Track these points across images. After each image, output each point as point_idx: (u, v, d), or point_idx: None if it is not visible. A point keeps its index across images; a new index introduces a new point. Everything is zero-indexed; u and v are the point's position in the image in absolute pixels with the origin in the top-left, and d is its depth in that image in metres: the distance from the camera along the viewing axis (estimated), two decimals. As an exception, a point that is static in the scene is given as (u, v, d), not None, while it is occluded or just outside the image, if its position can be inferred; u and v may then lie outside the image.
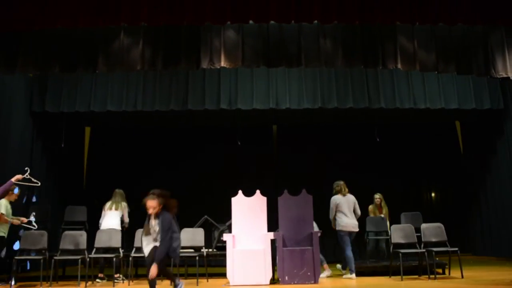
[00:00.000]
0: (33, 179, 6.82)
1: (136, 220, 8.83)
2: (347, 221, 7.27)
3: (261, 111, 9.19)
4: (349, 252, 7.14)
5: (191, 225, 8.51)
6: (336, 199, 7.41)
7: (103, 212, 7.71)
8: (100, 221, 7.67)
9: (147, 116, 9.54)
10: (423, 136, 11.09)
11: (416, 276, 7.07)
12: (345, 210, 7.32)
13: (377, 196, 8.84)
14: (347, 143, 10.92)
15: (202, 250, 7.28)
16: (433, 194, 11.54)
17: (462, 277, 6.78)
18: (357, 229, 7.34)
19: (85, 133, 10.89)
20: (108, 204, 7.74)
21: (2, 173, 7.86)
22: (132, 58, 7.28)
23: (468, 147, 10.91)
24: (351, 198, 7.45)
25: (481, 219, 10.38)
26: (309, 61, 7.41)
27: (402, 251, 6.96)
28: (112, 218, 7.62)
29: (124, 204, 7.79)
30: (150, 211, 5.01)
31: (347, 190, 7.51)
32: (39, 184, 7.05)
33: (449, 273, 7.26)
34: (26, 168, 6.84)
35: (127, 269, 7.24)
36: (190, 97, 8.89)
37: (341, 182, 7.56)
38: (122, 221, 7.71)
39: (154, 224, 5.04)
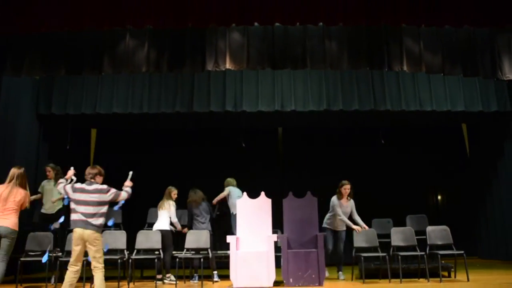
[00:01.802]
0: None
1: (141, 220, 8.92)
2: None
3: (266, 113, 9.19)
4: None
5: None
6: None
7: None
8: None
9: (153, 118, 9.57)
10: (429, 138, 11.03)
11: (415, 280, 7.02)
12: None
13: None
14: (353, 146, 10.88)
15: (207, 252, 7.29)
16: (439, 197, 11.47)
17: (468, 280, 6.73)
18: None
19: (91, 135, 10.92)
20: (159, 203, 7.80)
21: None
22: (137, 60, 7.33)
23: (474, 149, 10.83)
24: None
25: (487, 222, 10.31)
26: (315, 63, 7.42)
27: (402, 254, 6.94)
28: (159, 218, 7.65)
29: (170, 202, 7.73)
30: None
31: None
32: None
33: (455, 276, 7.21)
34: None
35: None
36: (196, 99, 8.90)
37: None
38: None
39: None
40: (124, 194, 5.41)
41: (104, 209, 5.17)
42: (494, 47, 7.49)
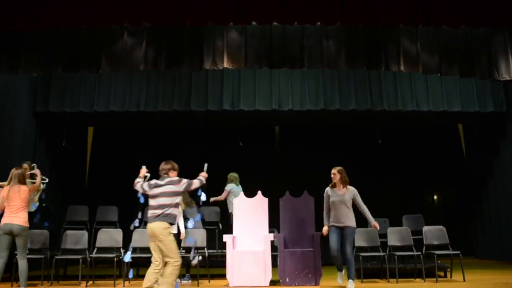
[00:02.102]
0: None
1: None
2: None
3: (263, 112, 9.19)
4: None
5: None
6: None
7: None
8: None
9: (150, 116, 9.56)
10: (426, 138, 11.06)
11: (412, 279, 7.05)
12: None
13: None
14: (350, 145, 10.90)
15: (203, 250, 7.29)
16: (435, 197, 11.50)
17: (464, 280, 6.75)
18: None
19: (88, 133, 10.90)
20: None
21: (5, 173, 7.88)
22: (135, 58, 7.32)
23: (471, 149, 10.87)
24: None
25: (483, 222, 10.34)
26: (312, 62, 7.42)
27: (398, 253, 6.96)
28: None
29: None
30: None
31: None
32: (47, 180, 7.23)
33: (451, 276, 7.23)
34: (33, 165, 7.08)
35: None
36: (193, 98, 8.90)
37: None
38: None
39: None
40: (196, 182, 5.49)
41: (178, 199, 5.26)
42: (491, 47, 7.51)
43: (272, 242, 6.79)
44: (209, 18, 6.88)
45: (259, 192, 7.17)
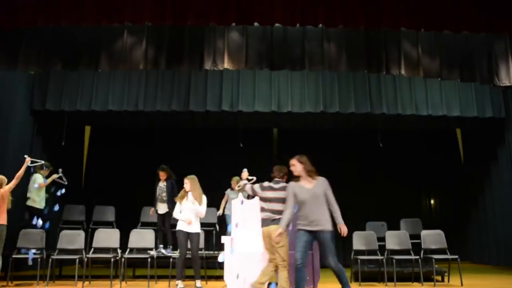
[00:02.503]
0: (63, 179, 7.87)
1: (135, 219, 8.85)
2: None
3: (262, 114, 9.17)
4: None
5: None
6: None
7: None
8: None
9: (148, 116, 9.52)
10: (424, 142, 11.07)
11: (410, 283, 7.04)
12: None
13: None
14: (348, 148, 10.89)
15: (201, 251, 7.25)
16: (432, 201, 11.50)
17: (462, 285, 6.75)
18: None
19: (85, 132, 10.83)
20: None
21: (1, 171, 7.82)
22: (135, 57, 7.28)
23: (468, 155, 10.89)
24: None
25: (480, 227, 10.35)
26: (313, 64, 7.41)
27: (396, 257, 6.95)
28: None
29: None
30: None
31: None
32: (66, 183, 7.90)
33: (449, 281, 7.23)
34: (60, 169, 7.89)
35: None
36: (192, 98, 8.86)
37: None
38: None
39: None
40: None
41: None
42: (491, 53, 7.53)
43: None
44: (211, 18, 6.84)
45: (258, 194, 7.12)
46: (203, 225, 8.45)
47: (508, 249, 9.18)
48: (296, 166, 5.38)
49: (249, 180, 5.70)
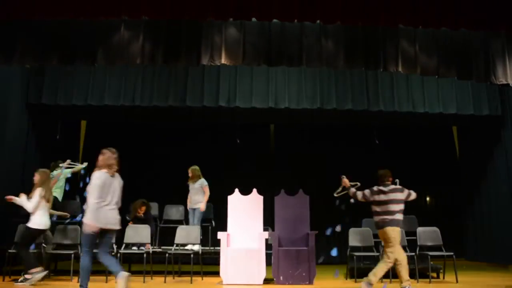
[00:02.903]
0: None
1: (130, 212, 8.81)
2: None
3: (259, 110, 9.15)
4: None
5: (187, 222, 8.50)
6: None
7: None
8: None
9: (145, 111, 9.48)
10: (421, 139, 11.09)
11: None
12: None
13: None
14: (345, 145, 10.90)
15: (197, 247, 7.24)
16: (427, 198, 11.54)
17: (457, 281, 6.78)
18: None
19: (81, 127, 10.76)
20: None
21: (-4, 165, 7.81)
22: (132, 52, 7.24)
23: (464, 152, 10.91)
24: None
25: (475, 224, 10.40)
26: (310, 61, 7.39)
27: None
28: None
29: None
30: None
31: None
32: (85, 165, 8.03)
33: (444, 277, 7.26)
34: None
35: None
36: (189, 94, 8.83)
37: None
38: None
39: None
40: (413, 194, 6.04)
41: (402, 206, 5.76)
42: (489, 51, 7.53)
43: (266, 240, 6.78)
44: (208, 12, 6.82)
45: (254, 190, 7.15)
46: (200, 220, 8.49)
47: (503, 246, 9.22)
48: (100, 156, 5.19)
49: (352, 185, 6.17)
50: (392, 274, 6.82)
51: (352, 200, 6.30)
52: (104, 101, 8.79)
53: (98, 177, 4.98)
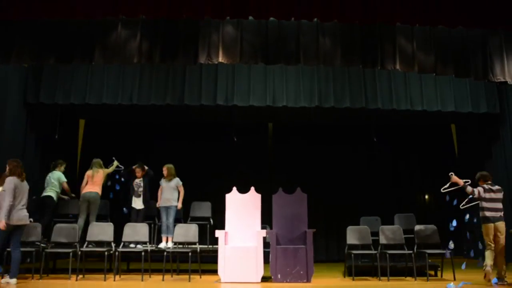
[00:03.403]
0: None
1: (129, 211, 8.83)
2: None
3: (257, 108, 9.15)
4: None
5: (185, 220, 8.51)
6: None
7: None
8: None
9: (143, 110, 9.48)
10: (419, 137, 11.10)
11: (403, 278, 7.08)
12: None
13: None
14: (343, 143, 10.91)
15: (195, 245, 7.26)
16: (426, 196, 11.54)
17: (455, 279, 6.79)
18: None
19: (79, 126, 10.77)
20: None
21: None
22: (129, 50, 7.25)
23: (463, 150, 10.91)
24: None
25: (473, 222, 10.38)
26: (308, 59, 7.40)
27: (389, 252, 6.98)
28: None
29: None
30: None
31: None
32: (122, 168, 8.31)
33: (442, 275, 7.27)
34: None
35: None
36: (187, 92, 8.82)
37: None
38: None
39: None
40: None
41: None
42: (486, 49, 7.54)
43: (264, 238, 6.79)
44: (205, 11, 6.82)
45: (252, 188, 7.15)
46: (197, 218, 8.50)
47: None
48: (9, 166, 6.34)
49: (465, 182, 6.89)
50: (389, 272, 6.84)
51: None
52: (102, 100, 8.79)
53: (11, 182, 6.09)
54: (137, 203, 8.06)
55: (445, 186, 7.18)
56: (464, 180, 6.94)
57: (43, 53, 7.27)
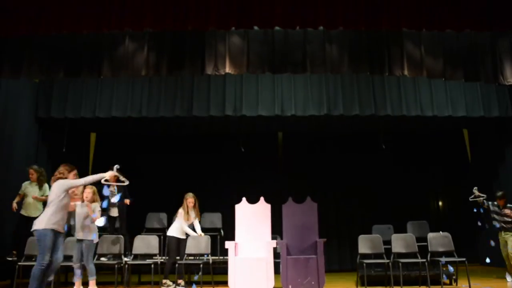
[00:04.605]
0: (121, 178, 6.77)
1: (139, 225, 8.86)
2: None
3: (266, 118, 9.13)
4: None
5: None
6: None
7: None
8: None
9: (152, 122, 9.53)
10: (430, 143, 10.97)
11: (417, 287, 6.95)
12: None
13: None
14: (353, 151, 10.83)
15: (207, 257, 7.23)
16: (440, 203, 11.37)
17: (470, 287, 6.64)
18: None
19: (90, 139, 10.86)
20: None
21: (8, 179, 7.88)
22: (136, 63, 7.28)
23: (476, 155, 10.74)
24: None
25: (489, 228, 10.17)
26: (315, 67, 7.36)
27: (402, 260, 6.86)
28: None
29: (179, 210, 7.62)
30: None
31: None
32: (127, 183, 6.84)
33: (457, 284, 7.13)
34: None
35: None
36: (195, 104, 8.82)
37: None
38: None
39: None
40: None
41: None
42: (496, 51, 7.42)
43: (274, 249, 6.72)
44: (211, 22, 6.82)
45: (262, 198, 7.11)
46: (208, 230, 8.46)
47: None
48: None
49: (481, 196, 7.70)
50: (402, 281, 6.72)
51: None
52: (111, 113, 8.83)
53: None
54: (113, 211, 7.97)
55: (472, 196, 7.80)
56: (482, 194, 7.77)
57: (52, 67, 7.33)
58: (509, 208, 7.63)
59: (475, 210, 8.19)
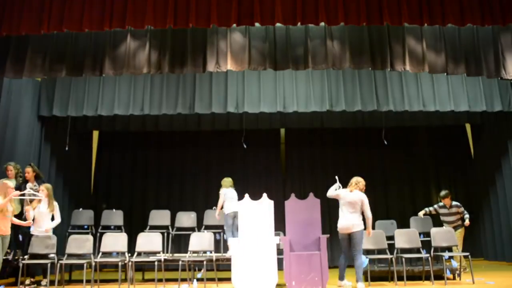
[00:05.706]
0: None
1: (143, 222, 8.89)
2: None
3: (268, 114, 9.13)
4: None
5: (199, 228, 8.52)
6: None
7: None
8: None
9: (154, 119, 9.55)
10: (433, 138, 10.95)
11: (420, 282, 6.95)
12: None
13: None
14: (356, 146, 10.81)
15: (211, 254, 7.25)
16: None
17: (473, 282, 6.64)
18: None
19: (93, 137, 10.88)
20: None
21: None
22: (138, 61, 7.29)
23: (479, 150, 10.73)
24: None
25: (492, 223, 10.19)
26: (316, 63, 7.34)
27: (406, 256, 6.86)
28: None
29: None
30: None
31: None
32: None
33: (460, 279, 7.12)
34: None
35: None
36: (197, 101, 8.82)
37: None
38: None
39: None
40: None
41: None
42: (498, 45, 7.40)
43: (277, 245, 6.72)
44: (212, 19, 6.83)
45: (265, 195, 7.09)
46: (211, 227, 8.49)
47: (522, 245, 9.03)
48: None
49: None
50: (406, 276, 6.72)
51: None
52: (114, 111, 8.83)
53: None
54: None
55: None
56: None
57: (54, 66, 7.34)
58: (456, 206, 7.84)
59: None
